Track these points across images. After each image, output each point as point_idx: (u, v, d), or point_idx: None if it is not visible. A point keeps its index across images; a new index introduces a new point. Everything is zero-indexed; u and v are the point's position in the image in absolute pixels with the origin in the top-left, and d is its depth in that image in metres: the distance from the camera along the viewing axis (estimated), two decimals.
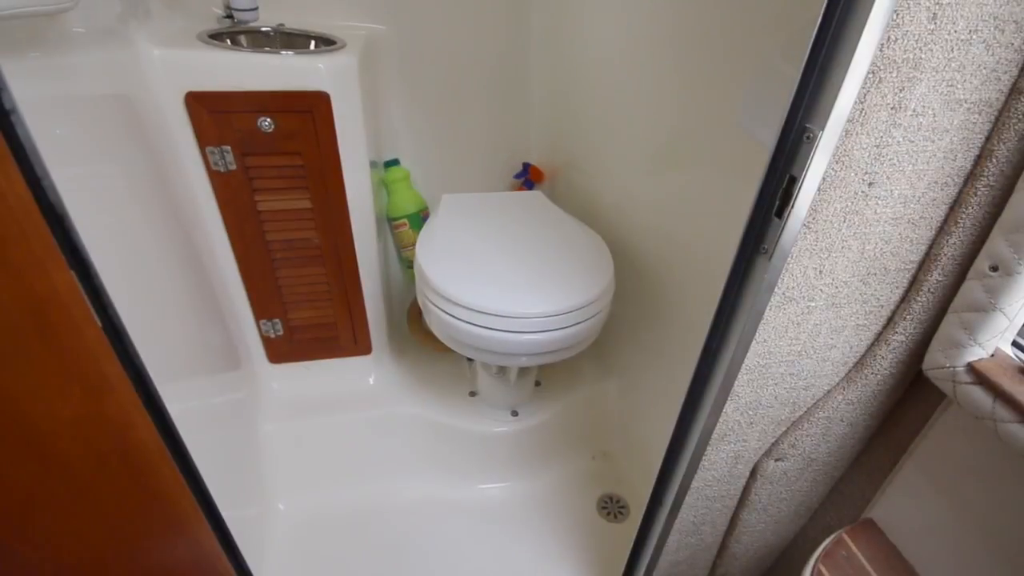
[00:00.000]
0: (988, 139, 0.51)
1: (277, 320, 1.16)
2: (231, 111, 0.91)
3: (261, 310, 1.14)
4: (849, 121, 0.47)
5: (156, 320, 0.77)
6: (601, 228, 1.17)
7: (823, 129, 0.45)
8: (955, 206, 0.55)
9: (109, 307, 0.37)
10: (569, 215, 1.17)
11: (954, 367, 0.60)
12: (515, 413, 1.23)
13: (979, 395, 0.58)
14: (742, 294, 0.57)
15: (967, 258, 0.57)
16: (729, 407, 0.66)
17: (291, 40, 1.12)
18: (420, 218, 1.38)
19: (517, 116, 1.47)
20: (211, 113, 0.90)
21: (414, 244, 1.37)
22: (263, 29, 1.09)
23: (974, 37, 0.45)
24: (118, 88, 0.80)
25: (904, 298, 0.61)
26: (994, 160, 0.51)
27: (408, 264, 1.44)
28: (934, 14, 0.43)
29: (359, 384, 1.28)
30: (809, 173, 0.48)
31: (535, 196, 1.25)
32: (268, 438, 1.16)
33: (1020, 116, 0.48)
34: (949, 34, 0.44)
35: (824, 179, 0.50)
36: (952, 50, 0.45)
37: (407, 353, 1.39)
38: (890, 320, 0.63)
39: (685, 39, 0.88)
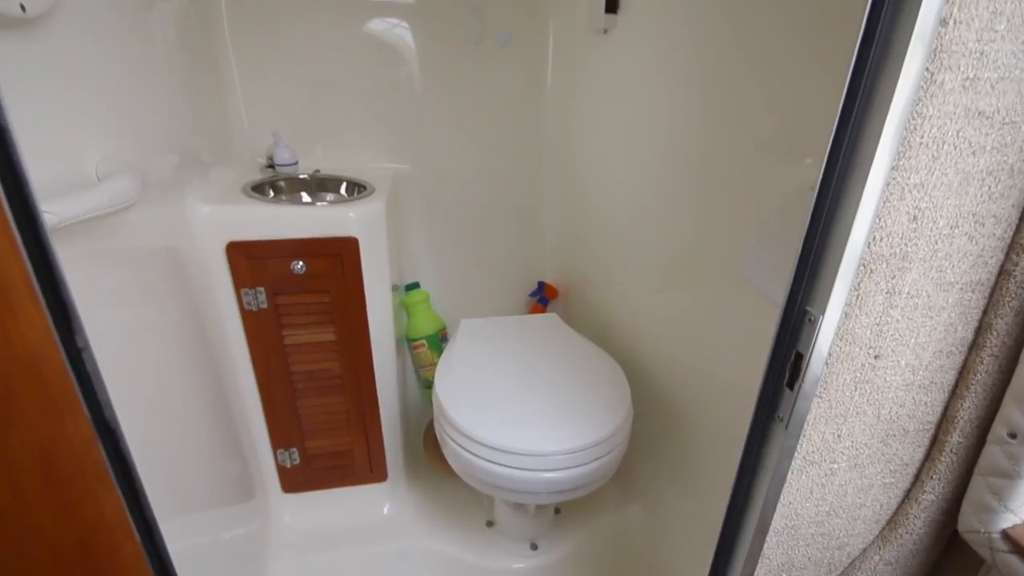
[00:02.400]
0: (985, 313, 0.53)
1: (294, 449, 1.16)
2: (267, 257, 0.98)
3: (279, 439, 1.14)
4: (847, 305, 0.49)
5: (177, 462, 0.78)
6: (615, 345, 1.19)
7: (823, 314, 0.48)
8: (964, 371, 0.56)
9: (146, 509, 0.38)
10: (584, 338, 1.19)
11: (989, 532, 0.58)
12: (535, 546, 1.17)
13: (1019, 566, 0.55)
14: (762, 458, 0.57)
15: (985, 420, 0.57)
16: (761, 570, 0.64)
17: (325, 183, 1.23)
18: (438, 339, 1.41)
19: (531, 237, 1.56)
20: (249, 259, 0.98)
21: (433, 364, 1.40)
22: (301, 176, 1.21)
23: (956, 231, 0.48)
24: (166, 241, 0.87)
25: (928, 456, 0.61)
26: (994, 332, 0.53)
27: (426, 383, 1.46)
28: (915, 216, 0.47)
29: (373, 514, 1.25)
30: (815, 351, 0.50)
31: (550, 319, 1.28)
32: None
33: (1013, 294, 0.51)
34: (931, 230, 0.48)
35: (830, 354, 0.52)
36: (937, 243, 0.49)
37: (422, 478, 1.36)
38: (917, 478, 0.62)
39: (692, 166, 0.93)
